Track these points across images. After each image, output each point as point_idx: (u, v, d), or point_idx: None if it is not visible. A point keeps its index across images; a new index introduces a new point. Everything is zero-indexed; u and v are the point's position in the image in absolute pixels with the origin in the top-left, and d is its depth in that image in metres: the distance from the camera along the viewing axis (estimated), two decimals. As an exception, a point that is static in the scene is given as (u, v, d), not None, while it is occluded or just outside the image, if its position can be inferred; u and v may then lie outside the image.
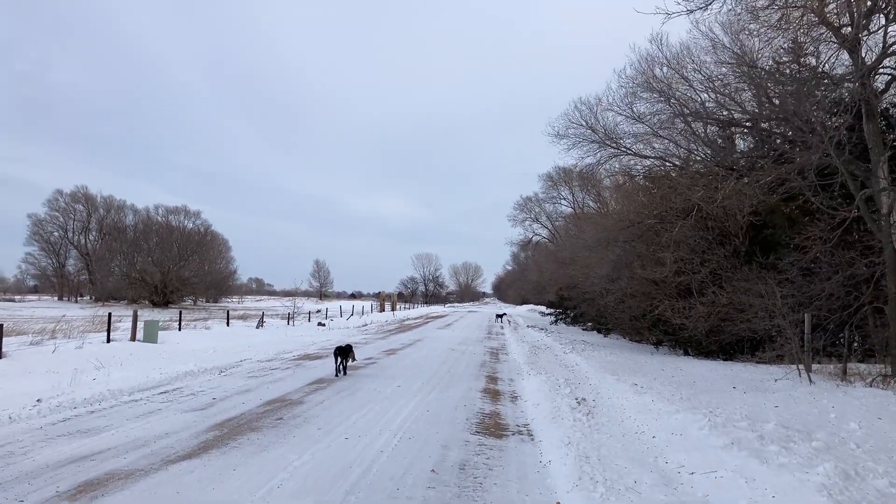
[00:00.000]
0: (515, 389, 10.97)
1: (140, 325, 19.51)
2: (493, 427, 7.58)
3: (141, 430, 6.70)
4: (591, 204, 48.08)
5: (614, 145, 22.18)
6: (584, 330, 34.65)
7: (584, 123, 22.31)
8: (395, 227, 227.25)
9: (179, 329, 23.80)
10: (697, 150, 20.90)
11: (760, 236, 18.16)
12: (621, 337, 28.62)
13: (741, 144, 20.77)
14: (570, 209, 56.87)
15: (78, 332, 21.77)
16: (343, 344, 14.32)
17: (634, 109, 20.69)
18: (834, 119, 15.26)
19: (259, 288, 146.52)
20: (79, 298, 75.51)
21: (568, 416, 7.94)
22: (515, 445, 6.68)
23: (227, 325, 28.13)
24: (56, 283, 79.69)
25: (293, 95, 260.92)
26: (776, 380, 11.27)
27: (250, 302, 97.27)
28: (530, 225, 63.90)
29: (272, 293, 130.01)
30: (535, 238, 65.16)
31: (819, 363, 13.40)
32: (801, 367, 12.28)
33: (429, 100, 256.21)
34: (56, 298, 76.79)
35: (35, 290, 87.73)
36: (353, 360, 14.01)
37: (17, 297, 78.56)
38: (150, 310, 54.56)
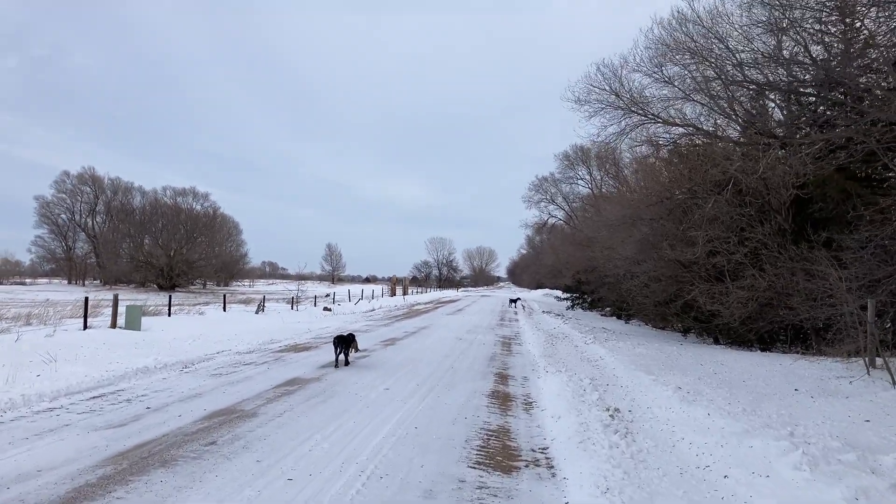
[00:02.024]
0: (530, 393, 9.00)
1: (122, 310, 17.86)
2: (499, 453, 5.64)
3: (12, 463, 4.83)
4: (610, 183, 45.77)
5: (640, 112, 20.03)
6: (602, 315, 32.71)
7: (607, 88, 20.11)
8: (410, 211, 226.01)
9: (169, 315, 22.12)
10: (734, 116, 18.76)
11: (807, 212, 16.03)
12: (643, 323, 26.64)
13: (778, 114, 18.60)
14: (587, 190, 54.60)
15: (59, 317, 20.23)
16: (344, 332, 12.52)
17: (664, 71, 18.54)
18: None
19: (273, 272, 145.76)
20: (87, 282, 74.59)
21: (600, 436, 5.99)
22: (530, 487, 4.73)
23: (224, 310, 26.46)
24: (65, 267, 78.83)
25: (309, 79, 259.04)
26: (850, 381, 9.22)
27: (262, 286, 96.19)
28: (546, 206, 61.58)
29: (286, 277, 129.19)
30: (551, 220, 62.91)
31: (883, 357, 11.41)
32: (866, 360, 10.29)
33: (445, 81, 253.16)
34: (66, 282, 76.01)
35: (51, 274, 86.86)
36: (356, 350, 12.27)
37: (28, 281, 77.98)
38: (156, 293, 53.30)
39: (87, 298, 17.69)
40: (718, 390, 8.66)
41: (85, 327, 16.45)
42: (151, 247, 65.76)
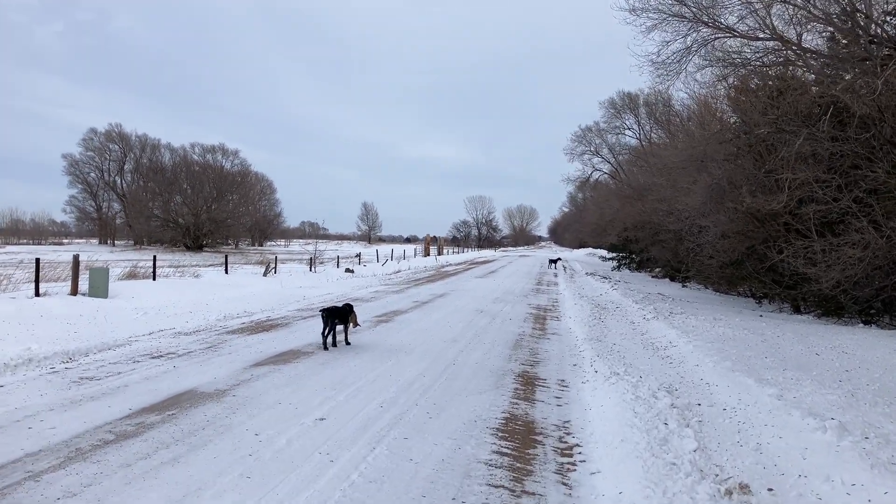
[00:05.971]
0: (570, 421, 5.36)
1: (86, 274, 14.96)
2: None
3: None
4: (661, 133, 40.84)
5: (712, 23, 15.77)
6: (653, 277, 28.77)
7: (670, -8, 15.84)
8: (450, 170, 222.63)
9: (154, 278, 19.14)
10: (838, 22, 14.35)
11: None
12: (703, 287, 22.64)
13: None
14: (635, 140, 49.59)
15: (19, 282, 17.39)
16: (339, 304, 9.10)
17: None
18: None
19: (313, 232, 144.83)
20: (117, 242, 73.53)
21: None
22: None
23: (226, 272, 23.46)
24: (96, 226, 78.04)
25: (348, 38, 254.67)
26: None
27: (298, 245, 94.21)
28: (589, 159, 56.54)
29: (326, 237, 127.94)
30: (595, 174, 57.89)
31: None
32: None
33: (485, 37, 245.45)
34: (97, 242, 75.27)
35: (89, 235, 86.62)
36: (356, 325, 8.95)
37: (66, 241, 77.77)
38: (182, 253, 51.30)
39: (38, 260, 14.68)
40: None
41: (36, 294, 13.58)
42: (179, 205, 63.74)
